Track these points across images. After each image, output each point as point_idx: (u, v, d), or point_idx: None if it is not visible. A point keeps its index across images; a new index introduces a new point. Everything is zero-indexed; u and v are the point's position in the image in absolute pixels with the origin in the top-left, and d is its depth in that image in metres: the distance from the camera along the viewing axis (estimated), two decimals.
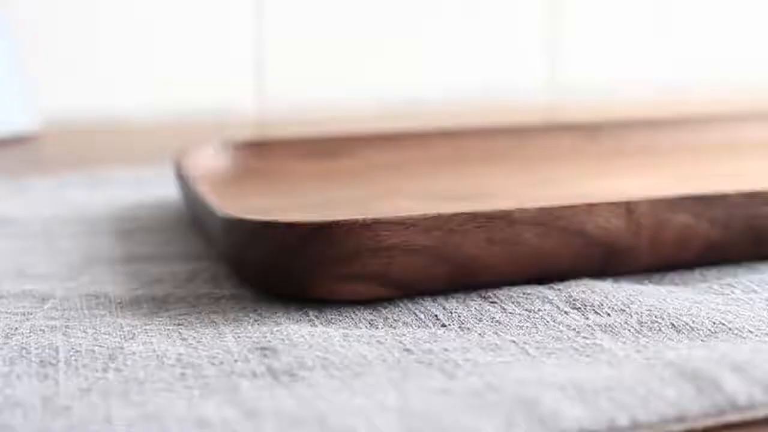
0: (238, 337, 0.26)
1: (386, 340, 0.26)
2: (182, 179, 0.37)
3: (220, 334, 0.27)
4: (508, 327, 0.26)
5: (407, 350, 0.25)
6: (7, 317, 0.28)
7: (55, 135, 0.69)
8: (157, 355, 0.25)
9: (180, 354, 0.25)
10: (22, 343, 0.26)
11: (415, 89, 0.78)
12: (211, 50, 0.76)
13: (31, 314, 0.29)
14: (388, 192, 0.41)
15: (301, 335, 0.26)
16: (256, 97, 0.77)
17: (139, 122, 0.74)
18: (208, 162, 0.42)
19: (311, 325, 0.27)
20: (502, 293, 0.29)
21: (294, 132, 0.61)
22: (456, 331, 0.26)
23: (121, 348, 0.26)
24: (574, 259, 0.29)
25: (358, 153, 0.45)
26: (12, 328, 0.27)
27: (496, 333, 0.26)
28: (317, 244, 0.27)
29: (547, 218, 0.29)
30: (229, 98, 0.76)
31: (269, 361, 0.24)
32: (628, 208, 0.29)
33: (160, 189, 0.47)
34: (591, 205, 0.29)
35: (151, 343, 0.26)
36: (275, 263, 0.28)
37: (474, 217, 0.28)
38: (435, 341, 0.26)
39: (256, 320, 0.27)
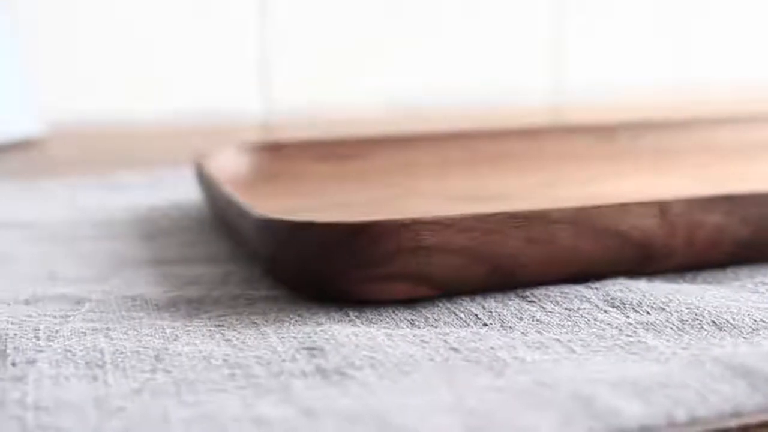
0: (282, 337, 0.26)
1: (431, 339, 0.26)
2: (206, 181, 0.37)
3: (262, 334, 0.27)
4: (549, 326, 0.27)
5: (453, 349, 0.25)
6: (45, 320, 0.28)
7: (59, 138, 0.69)
8: (204, 356, 0.25)
9: (226, 355, 0.25)
10: (66, 345, 0.26)
11: (421, 92, 0.78)
12: (216, 53, 0.76)
13: (70, 317, 0.29)
14: (407, 193, 0.41)
15: (345, 335, 0.26)
16: (261, 100, 0.77)
17: (143, 126, 0.73)
18: (227, 164, 0.42)
19: (353, 325, 0.27)
20: (540, 292, 0.29)
21: (300, 134, 0.61)
22: (498, 330, 0.27)
23: (166, 349, 0.26)
24: (608, 259, 0.29)
25: (371, 155, 0.45)
26: (53, 331, 0.27)
27: (539, 332, 0.26)
28: (357, 244, 0.27)
29: (583, 218, 0.29)
30: (234, 101, 0.76)
31: (318, 360, 0.24)
32: (662, 208, 0.29)
33: (175, 192, 0.47)
34: (625, 205, 0.29)
35: (195, 344, 0.26)
36: (314, 263, 0.28)
37: (512, 216, 0.28)
38: (480, 340, 0.26)
39: (297, 321, 0.28)
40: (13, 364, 0.25)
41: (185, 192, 0.47)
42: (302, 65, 0.77)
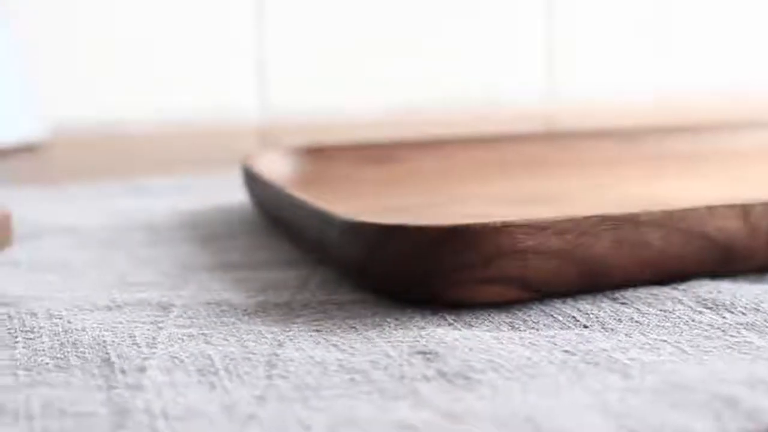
0: (389, 341, 0.26)
1: (538, 341, 0.26)
2: (262, 184, 0.37)
3: (367, 339, 0.26)
4: (649, 327, 0.27)
5: (566, 351, 0.25)
6: (138, 326, 0.28)
7: (61, 142, 0.68)
8: (316, 362, 0.25)
9: (339, 359, 0.25)
10: (170, 352, 0.26)
11: (419, 95, 0.78)
12: (213, 57, 0.75)
13: (161, 323, 0.28)
14: (460, 196, 0.41)
15: (453, 338, 0.26)
16: (258, 104, 0.76)
17: (142, 130, 0.73)
18: (271, 168, 0.42)
19: (454, 329, 0.27)
20: (629, 294, 0.29)
21: (297, 138, 0.61)
22: (600, 331, 0.27)
23: (276, 355, 0.25)
24: (693, 260, 0.30)
25: (408, 158, 0.46)
26: (150, 338, 0.27)
27: (642, 333, 0.26)
28: (453, 247, 0.27)
29: (672, 220, 0.29)
30: (231, 105, 0.76)
31: (435, 364, 0.24)
32: (744, 210, 0.30)
33: (208, 195, 0.46)
34: (711, 208, 0.29)
35: (303, 349, 0.26)
36: (407, 266, 0.28)
37: (603, 219, 0.28)
38: (588, 342, 0.26)
39: (396, 324, 0.27)
40: (123, 372, 0.25)
41: (219, 195, 0.46)
42: (300, 69, 0.77)
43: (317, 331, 0.27)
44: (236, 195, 0.46)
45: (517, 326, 0.27)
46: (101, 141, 0.70)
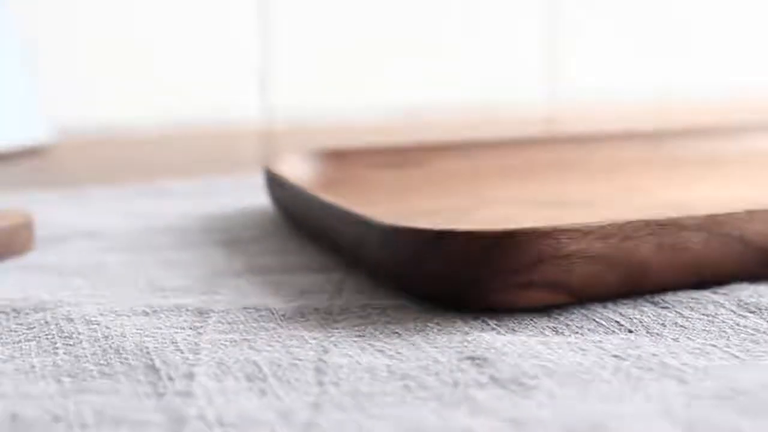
0: (435, 347, 0.26)
1: (586, 346, 0.26)
2: (291, 188, 0.37)
3: (413, 344, 0.26)
4: (695, 332, 0.27)
5: (616, 356, 0.25)
6: (179, 332, 0.27)
7: (65, 147, 0.67)
8: (365, 368, 0.25)
9: (388, 365, 0.25)
10: (215, 358, 0.25)
11: (420, 100, 0.78)
12: (215, 60, 0.75)
13: (201, 328, 0.28)
14: (486, 200, 0.41)
15: (501, 344, 0.26)
16: (260, 107, 0.76)
17: (145, 133, 0.72)
18: (293, 171, 0.42)
19: (498, 334, 0.27)
20: (669, 298, 0.29)
21: (299, 141, 0.61)
22: (646, 336, 0.27)
23: (323, 361, 0.25)
24: (733, 264, 0.30)
25: (428, 161, 0.45)
26: (192, 343, 0.27)
27: (689, 338, 0.26)
28: (500, 252, 0.27)
29: (712, 224, 0.29)
30: (233, 108, 0.76)
31: (488, 370, 0.24)
32: None
33: (226, 198, 0.46)
34: (751, 212, 0.29)
35: (350, 355, 0.26)
36: (455, 272, 0.28)
37: (646, 224, 0.28)
38: (636, 347, 0.26)
39: (440, 330, 0.27)
40: (170, 378, 0.24)
41: (237, 198, 0.46)
42: (302, 73, 0.77)
43: (360, 336, 0.27)
44: (254, 198, 0.46)
45: (561, 331, 0.27)
46: (104, 144, 0.69)
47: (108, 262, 0.36)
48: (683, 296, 0.29)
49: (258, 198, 0.46)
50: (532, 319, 0.28)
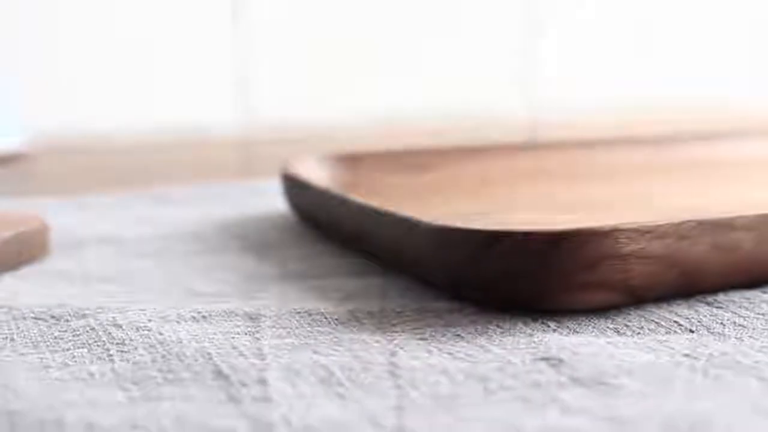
0: (504, 348, 0.26)
1: (654, 346, 0.26)
2: (319, 192, 0.36)
3: (479, 346, 0.26)
4: (757, 331, 0.27)
5: (687, 355, 0.25)
6: (236, 337, 0.27)
7: (42, 153, 0.66)
8: (439, 370, 0.24)
9: (461, 368, 0.24)
10: (282, 363, 0.25)
11: (398, 108, 0.78)
12: (193, 68, 0.74)
13: (257, 333, 0.27)
14: (506, 203, 0.40)
15: (570, 344, 0.26)
16: (237, 116, 0.75)
17: (121, 141, 0.71)
18: (309, 176, 0.41)
19: (561, 335, 0.27)
20: (722, 298, 0.29)
21: (279, 151, 0.60)
22: (708, 335, 0.26)
23: (394, 364, 0.25)
24: None
25: (442, 166, 0.45)
26: (255, 348, 0.26)
27: (752, 337, 0.26)
28: (559, 253, 0.27)
29: (763, 224, 0.29)
30: (210, 117, 0.75)
31: (566, 371, 0.24)
32: None
33: (231, 204, 0.45)
34: None
35: (419, 358, 0.25)
36: (512, 274, 0.28)
37: (700, 223, 0.28)
38: (704, 346, 0.26)
39: (501, 332, 0.27)
40: (243, 384, 0.24)
41: (242, 205, 0.45)
42: (278, 82, 0.76)
43: (423, 339, 0.27)
44: (262, 204, 0.45)
45: (622, 332, 0.27)
46: (85, 152, 0.68)
47: (132, 268, 0.35)
48: (735, 296, 0.29)
49: (266, 203, 0.45)
50: (589, 320, 0.28)
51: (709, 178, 0.45)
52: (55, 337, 0.28)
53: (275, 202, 0.45)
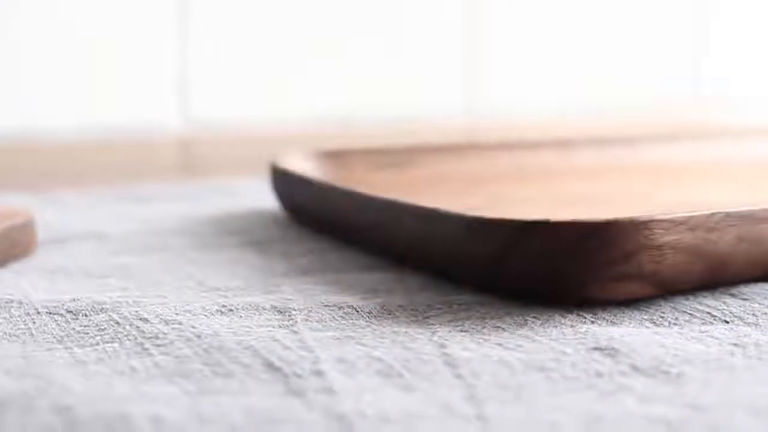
0: (552, 339, 0.25)
1: (696, 336, 0.26)
2: (321, 186, 0.36)
3: (526, 337, 0.26)
4: None
5: (735, 344, 0.25)
6: (274, 330, 0.26)
7: None
8: (495, 361, 0.24)
9: (519, 359, 0.24)
10: (332, 355, 0.24)
11: (340, 109, 0.78)
12: (134, 68, 0.72)
13: (293, 326, 0.26)
14: (498, 199, 0.40)
15: (618, 334, 0.25)
16: (180, 116, 0.74)
17: (59, 140, 0.69)
18: (297, 171, 0.40)
19: (601, 326, 0.27)
20: (746, 290, 0.29)
21: (221, 150, 0.59)
22: (745, 326, 0.27)
23: (449, 355, 0.24)
24: None
25: (427, 163, 0.45)
26: (298, 341, 0.25)
27: None
28: (596, 244, 0.27)
29: None
30: (152, 117, 0.73)
31: (624, 359, 0.24)
32: None
33: (212, 202, 0.44)
34: None
35: (470, 349, 0.25)
36: (546, 265, 0.27)
37: (727, 215, 0.29)
38: (745, 336, 0.26)
39: (543, 324, 0.27)
40: (299, 376, 0.23)
41: (225, 203, 0.44)
42: (221, 82, 0.75)
43: (465, 331, 0.26)
44: (245, 202, 0.44)
45: (659, 323, 0.27)
46: (28, 152, 0.66)
47: (128, 263, 0.33)
48: (758, 288, 0.30)
49: (248, 202, 0.44)
50: (623, 311, 0.28)
51: (680, 179, 0.46)
52: (79, 332, 0.26)
53: (256, 200, 0.44)
